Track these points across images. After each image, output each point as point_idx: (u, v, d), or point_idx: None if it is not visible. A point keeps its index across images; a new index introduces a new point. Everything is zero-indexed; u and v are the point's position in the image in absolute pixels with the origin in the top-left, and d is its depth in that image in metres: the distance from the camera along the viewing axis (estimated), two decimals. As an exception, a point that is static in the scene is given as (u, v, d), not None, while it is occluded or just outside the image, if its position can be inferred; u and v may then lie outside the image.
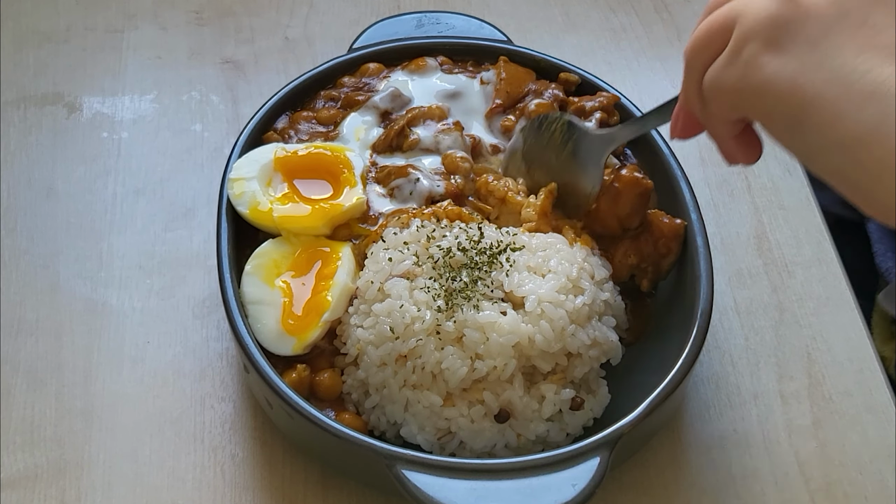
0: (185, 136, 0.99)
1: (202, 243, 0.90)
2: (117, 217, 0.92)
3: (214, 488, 0.77)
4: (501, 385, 0.72)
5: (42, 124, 0.99)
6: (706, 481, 0.78)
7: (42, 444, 0.79)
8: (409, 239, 0.77)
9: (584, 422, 0.75)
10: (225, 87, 1.03)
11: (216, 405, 0.81)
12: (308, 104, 0.90)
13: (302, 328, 0.75)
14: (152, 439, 0.79)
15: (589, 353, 0.74)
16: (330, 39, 1.06)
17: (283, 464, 0.78)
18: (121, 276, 0.88)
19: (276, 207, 0.80)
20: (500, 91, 0.89)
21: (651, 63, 1.06)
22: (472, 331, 0.71)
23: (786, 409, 0.82)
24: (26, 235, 0.91)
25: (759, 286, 0.90)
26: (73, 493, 0.76)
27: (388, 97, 0.88)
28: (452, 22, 0.96)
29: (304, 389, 0.74)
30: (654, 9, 1.12)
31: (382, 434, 0.75)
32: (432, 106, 0.87)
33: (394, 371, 0.73)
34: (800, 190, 0.97)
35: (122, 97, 1.01)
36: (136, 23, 1.08)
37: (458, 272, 0.74)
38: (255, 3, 1.10)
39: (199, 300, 0.87)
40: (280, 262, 0.78)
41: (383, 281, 0.75)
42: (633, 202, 0.79)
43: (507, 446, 0.73)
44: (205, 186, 0.94)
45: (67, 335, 0.85)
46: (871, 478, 0.78)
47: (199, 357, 0.84)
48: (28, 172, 0.95)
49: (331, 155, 0.83)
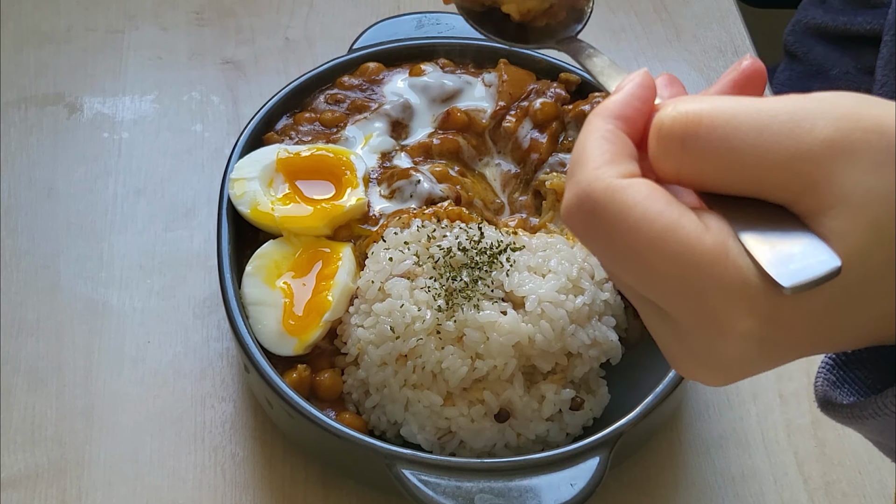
0: (185, 136, 0.99)
1: (203, 243, 0.90)
2: (118, 217, 0.92)
3: (215, 488, 0.77)
4: (501, 385, 0.73)
5: (43, 125, 0.99)
6: (705, 481, 0.78)
7: (42, 443, 0.79)
8: (410, 239, 0.77)
9: (584, 422, 0.75)
10: (225, 88, 1.03)
11: (216, 405, 0.81)
12: (308, 105, 0.90)
13: (303, 328, 0.75)
14: (153, 439, 0.80)
15: (589, 352, 0.74)
16: (330, 40, 1.06)
17: (283, 464, 0.79)
18: (121, 276, 0.89)
19: (278, 208, 0.80)
20: (503, 93, 0.89)
21: (651, 63, 1.06)
22: (473, 330, 0.72)
23: (785, 409, 0.82)
24: (27, 235, 0.91)
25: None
26: (73, 493, 0.77)
27: (399, 107, 0.88)
28: (453, 22, 0.97)
29: (305, 389, 0.74)
30: (653, 9, 1.12)
31: (383, 434, 0.75)
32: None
33: (394, 371, 0.73)
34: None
35: (122, 97, 1.01)
36: (137, 23, 1.08)
37: (459, 272, 0.74)
38: (256, 4, 1.10)
39: (200, 300, 0.87)
40: (281, 263, 0.79)
41: (384, 281, 0.75)
42: None
43: (507, 446, 0.73)
44: (205, 187, 0.94)
45: (68, 335, 0.85)
46: (870, 477, 0.79)
47: (200, 357, 0.84)
48: (29, 172, 0.95)
49: (333, 157, 0.83)
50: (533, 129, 0.88)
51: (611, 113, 0.46)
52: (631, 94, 0.47)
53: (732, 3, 1.13)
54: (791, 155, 0.41)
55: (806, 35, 1.18)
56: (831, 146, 0.40)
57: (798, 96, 0.42)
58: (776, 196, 0.42)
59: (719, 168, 0.42)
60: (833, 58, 1.15)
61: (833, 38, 1.16)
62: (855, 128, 0.40)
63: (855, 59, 1.14)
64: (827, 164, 0.40)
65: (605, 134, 0.45)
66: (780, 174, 0.41)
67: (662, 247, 0.42)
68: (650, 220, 0.42)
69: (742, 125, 0.42)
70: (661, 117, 0.44)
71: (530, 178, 0.87)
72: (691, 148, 0.43)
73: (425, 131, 0.88)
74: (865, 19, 1.12)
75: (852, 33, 1.14)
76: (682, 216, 0.42)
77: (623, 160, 0.44)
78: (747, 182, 0.42)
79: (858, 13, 1.13)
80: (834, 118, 0.41)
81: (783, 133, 0.41)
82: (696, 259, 0.41)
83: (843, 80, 1.14)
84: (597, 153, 0.44)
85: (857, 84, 1.13)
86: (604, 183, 0.43)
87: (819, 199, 0.40)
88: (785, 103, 0.42)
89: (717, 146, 0.42)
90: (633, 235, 0.42)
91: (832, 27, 1.15)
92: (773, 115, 0.41)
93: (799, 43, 1.18)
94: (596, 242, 0.44)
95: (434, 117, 0.89)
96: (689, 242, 0.41)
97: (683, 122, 0.43)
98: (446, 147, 0.86)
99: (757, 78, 0.47)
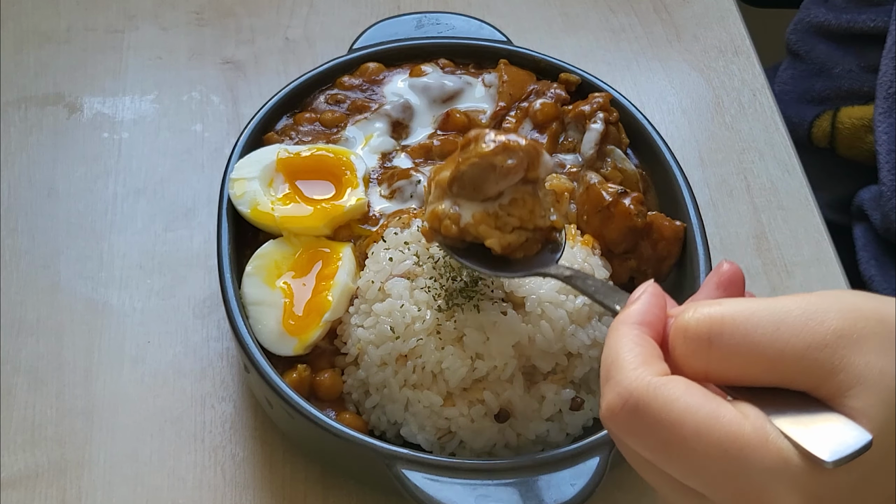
0: (185, 136, 0.99)
1: (203, 243, 0.90)
2: (118, 217, 0.92)
3: (215, 488, 0.77)
4: (501, 385, 0.73)
5: (43, 124, 0.99)
6: (705, 481, 0.78)
7: (43, 443, 0.79)
8: (410, 239, 0.77)
9: (584, 422, 0.75)
10: (225, 88, 1.03)
11: (216, 405, 0.81)
12: (308, 105, 0.90)
13: (303, 328, 0.75)
14: (153, 439, 0.80)
15: (589, 353, 0.74)
16: (330, 40, 1.06)
17: (283, 464, 0.79)
18: (121, 276, 0.89)
19: (278, 208, 0.80)
20: (503, 94, 0.89)
21: (650, 63, 1.06)
22: (473, 330, 0.72)
23: (785, 409, 0.82)
24: (27, 235, 0.91)
25: (759, 286, 0.90)
26: (73, 493, 0.77)
27: (399, 107, 0.88)
28: (452, 22, 0.97)
29: (305, 389, 0.74)
30: (653, 9, 1.12)
31: (383, 434, 0.75)
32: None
33: (394, 371, 0.73)
34: (799, 190, 0.97)
35: (122, 97, 1.01)
36: (137, 23, 1.08)
37: (459, 272, 0.74)
38: (256, 4, 1.10)
39: (200, 300, 0.87)
40: (281, 263, 0.79)
41: (384, 281, 0.75)
42: (621, 231, 0.79)
43: (507, 446, 0.73)
44: (205, 187, 0.94)
45: (68, 335, 0.85)
46: (870, 478, 0.79)
47: (200, 357, 0.84)
48: (29, 172, 0.95)
49: (333, 157, 0.83)
50: (533, 130, 0.88)
51: (635, 320, 0.51)
52: (649, 302, 0.52)
53: (732, 3, 1.13)
54: (808, 345, 0.46)
55: (809, 33, 1.18)
56: (842, 335, 0.46)
57: (804, 295, 0.48)
58: (798, 383, 0.46)
59: (745, 361, 0.47)
60: (836, 56, 1.15)
61: (836, 37, 1.16)
62: (859, 317, 0.46)
63: (858, 58, 1.14)
64: (841, 351, 0.45)
65: (635, 338, 0.50)
66: (800, 363, 0.46)
67: (707, 434, 0.46)
68: (693, 411, 0.46)
69: (761, 322, 0.47)
70: (685, 320, 0.48)
71: (530, 178, 0.86)
72: (717, 345, 0.47)
73: (426, 132, 0.88)
74: (869, 17, 1.12)
75: (855, 31, 1.14)
76: (720, 406, 0.46)
77: (655, 361, 0.49)
78: (771, 372, 0.47)
79: (862, 11, 1.13)
80: (840, 311, 0.46)
81: (798, 326, 0.46)
82: (739, 443, 0.45)
83: (845, 78, 1.14)
84: (631, 356, 0.49)
85: (860, 82, 1.13)
86: (645, 381, 0.47)
87: (838, 383, 0.45)
88: (795, 301, 0.47)
89: (741, 342, 0.47)
90: (679, 426, 0.46)
91: (835, 25, 1.15)
92: (786, 312, 0.47)
93: (802, 41, 1.18)
94: (641, 438, 0.48)
95: (434, 118, 0.89)
96: (731, 429, 0.45)
97: (708, 322, 0.48)
98: (447, 149, 0.86)
99: (737, 279, 0.54)
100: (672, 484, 0.49)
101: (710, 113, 1.03)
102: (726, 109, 1.04)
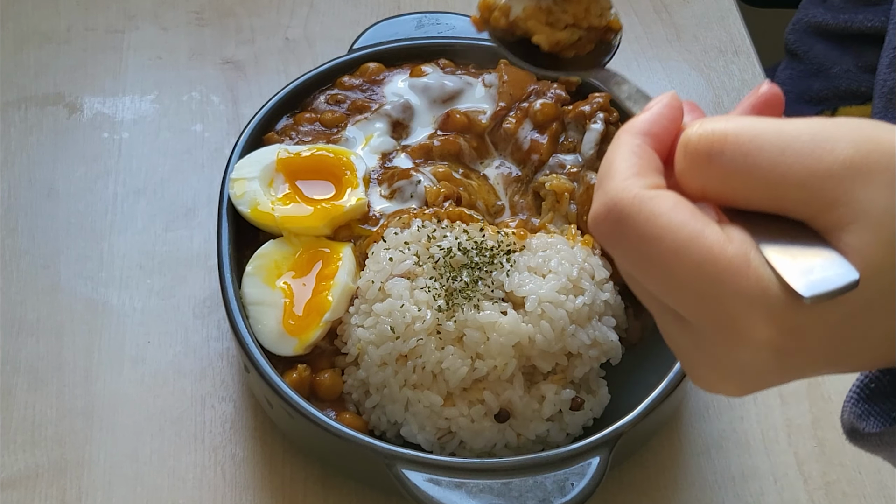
0: (185, 136, 0.99)
1: (203, 243, 0.90)
2: (118, 217, 0.92)
3: (215, 488, 0.77)
4: (502, 385, 0.73)
5: (43, 125, 0.99)
6: (705, 481, 0.78)
7: (43, 443, 0.79)
8: (410, 239, 0.77)
9: (584, 422, 0.75)
10: (225, 88, 1.03)
11: (216, 405, 0.82)
12: (308, 105, 0.90)
13: (303, 328, 0.75)
14: (153, 439, 0.80)
15: (589, 353, 0.74)
16: (330, 40, 1.06)
17: (283, 464, 0.79)
18: (121, 275, 0.89)
19: (278, 208, 0.80)
20: (504, 94, 0.89)
21: (650, 63, 1.06)
22: (473, 331, 0.72)
23: (785, 409, 0.82)
24: (27, 235, 0.91)
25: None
26: (73, 493, 0.77)
27: (399, 107, 0.88)
28: (452, 23, 0.97)
29: (305, 389, 0.74)
30: (653, 9, 1.12)
31: (383, 434, 0.75)
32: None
33: (394, 371, 0.73)
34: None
35: (122, 97, 1.01)
36: (137, 23, 1.08)
37: (459, 272, 0.74)
38: (256, 4, 1.10)
39: (200, 300, 0.87)
40: (281, 263, 0.79)
41: (384, 281, 0.75)
42: None
43: (507, 446, 0.73)
44: (205, 187, 0.94)
45: (68, 335, 0.85)
46: (870, 477, 0.79)
47: (200, 357, 0.84)
48: (29, 172, 0.95)
49: (333, 157, 0.83)
50: (533, 130, 0.88)
51: (639, 129, 0.48)
52: (659, 112, 0.49)
53: (732, 3, 1.13)
54: (812, 173, 0.43)
55: (807, 34, 1.18)
56: (851, 166, 0.42)
57: (820, 119, 0.44)
58: (797, 212, 0.44)
59: (743, 184, 0.44)
60: (834, 56, 1.15)
61: (834, 37, 1.16)
62: (874, 150, 0.42)
63: (856, 58, 1.14)
64: (846, 183, 0.42)
65: (634, 148, 0.47)
66: (801, 191, 0.43)
67: (686, 254, 0.43)
68: (675, 228, 0.44)
69: (766, 144, 0.43)
70: (688, 134, 0.46)
71: (530, 179, 0.87)
72: (717, 164, 0.45)
73: (426, 132, 0.88)
74: (866, 17, 1.12)
75: (853, 31, 1.14)
76: (706, 227, 0.44)
77: (650, 173, 0.46)
78: (769, 198, 0.44)
79: (859, 11, 1.13)
80: (854, 140, 0.42)
81: (805, 152, 0.43)
82: (718, 267, 0.43)
83: (843, 78, 1.14)
84: (625, 166, 0.46)
85: (858, 82, 1.13)
86: (631, 193, 0.45)
87: (838, 216, 0.42)
88: (807, 125, 0.44)
89: (742, 163, 0.44)
90: (658, 243, 0.44)
91: (833, 25, 1.15)
92: (795, 136, 0.43)
93: (800, 42, 1.18)
94: (621, 249, 0.46)
95: (435, 118, 0.89)
96: (712, 251, 0.43)
97: (710, 139, 0.45)
98: (447, 149, 0.86)
99: (775, 102, 0.49)
100: (652, 300, 0.48)
101: (710, 113, 1.02)
102: (726, 109, 1.03)
